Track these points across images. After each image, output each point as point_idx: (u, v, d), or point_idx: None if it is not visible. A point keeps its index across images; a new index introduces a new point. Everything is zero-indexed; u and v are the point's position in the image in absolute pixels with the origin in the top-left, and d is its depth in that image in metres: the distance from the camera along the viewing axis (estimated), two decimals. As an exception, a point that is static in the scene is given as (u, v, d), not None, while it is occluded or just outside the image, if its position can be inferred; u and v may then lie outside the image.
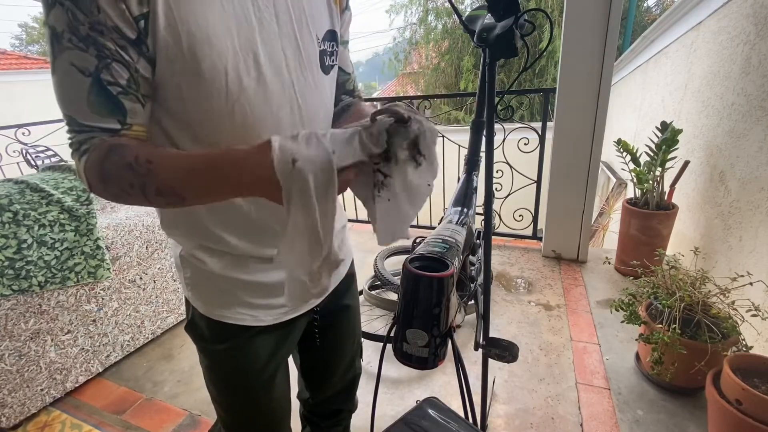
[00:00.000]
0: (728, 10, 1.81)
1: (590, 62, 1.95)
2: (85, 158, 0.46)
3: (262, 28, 0.52)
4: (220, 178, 0.44)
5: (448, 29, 10.78)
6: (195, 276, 0.65)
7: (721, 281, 1.27)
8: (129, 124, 0.48)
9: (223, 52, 0.48)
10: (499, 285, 2.15)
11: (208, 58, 0.47)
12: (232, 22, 0.49)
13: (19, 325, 1.35)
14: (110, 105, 0.46)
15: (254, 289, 0.64)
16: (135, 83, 0.46)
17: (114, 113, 0.46)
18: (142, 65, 0.46)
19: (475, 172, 1.07)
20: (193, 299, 0.66)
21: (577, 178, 2.17)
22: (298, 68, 0.57)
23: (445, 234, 0.78)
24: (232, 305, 0.64)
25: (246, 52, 0.50)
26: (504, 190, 2.44)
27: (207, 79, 0.48)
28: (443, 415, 0.64)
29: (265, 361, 0.69)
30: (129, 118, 0.47)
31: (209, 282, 0.64)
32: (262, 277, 0.64)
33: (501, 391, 1.45)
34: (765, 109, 1.45)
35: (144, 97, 0.48)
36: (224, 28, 0.48)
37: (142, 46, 0.45)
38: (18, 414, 1.40)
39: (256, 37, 0.51)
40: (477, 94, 1.07)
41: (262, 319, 0.66)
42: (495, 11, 0.85)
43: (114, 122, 0.46)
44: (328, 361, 0.85)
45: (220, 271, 0.62)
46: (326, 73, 0.63)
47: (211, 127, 0.52)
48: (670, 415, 1.28)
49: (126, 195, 0.46)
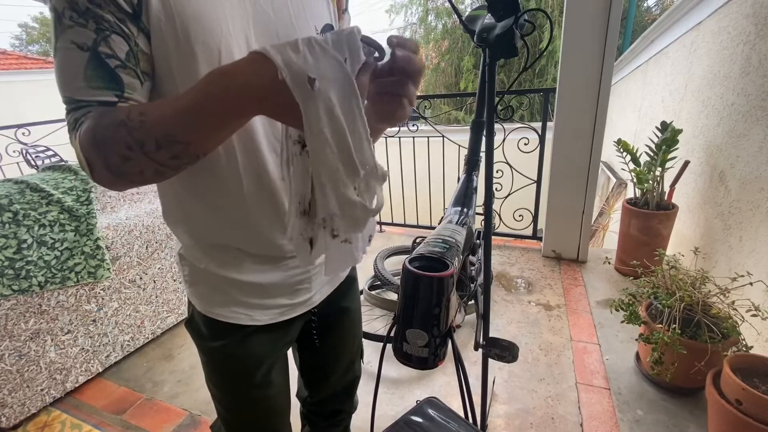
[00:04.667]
0: (728, 10, 1.81)
1: (590, 62, 1.95)
2: (80, 131, 0.44)
3: (256, 14, 0.52)
4: (213, 101, 0.39)
5: (448, 29, 10.78)
6: (193, 274, 0.65)
7: (721, 281, 1.27)
8: (126, 98, 0.46)
9: (216, 32, 0.48)
10: (499, 285, 2.15)
11: (201, 38, 0.47)
12: (226, 4, 0.49)
13: (19, 325, 1.35)
14: (107, 78, 0.44)
15: (250, 289, 0.64)
16: (134, 57, 0.46)
17: (111, 87, 0.44)
18: (141, 40, 0.46)
19: (475, 172, 1.07)
20: (192, 296, 0.67)
21: (577, 178, 2.17)
22: None
23: (445, 234, 0.78)
24: (228, 304, 0.64)
25: (238, 35, 0.50)
26: (504, 190, 2.44)
27: (199, 60, 0.48)
28: (443, 415, 0.64)
29: (260, 360, 0.70)
30: (126, 92, 0.46)
31: (206, 280, 0.64)
32: (258, 277, 0.64)
33: (501, 391, 1.45)
34: (765, 109, 1.45)
35: (143, 75, 0.47)
36: (217, 10, 0.48)
37: (139, 20, 0.45)
38: (18, 414, 1.39)
39: (249, 21, 0.51)
40: (477, 94, 1.08)
41: (257, 318, 0.66)
42: (495, 11, 0.85)
43: (111, 95, 0.45)
44: (326, 363, 0.85)
45: (215, 270, 0.63)
46: None
47: None
48: (670, 415, 1.28)
49: (128, 162, 0.42)
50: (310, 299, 0.71)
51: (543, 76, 9.01)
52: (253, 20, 0.52)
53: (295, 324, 0.73)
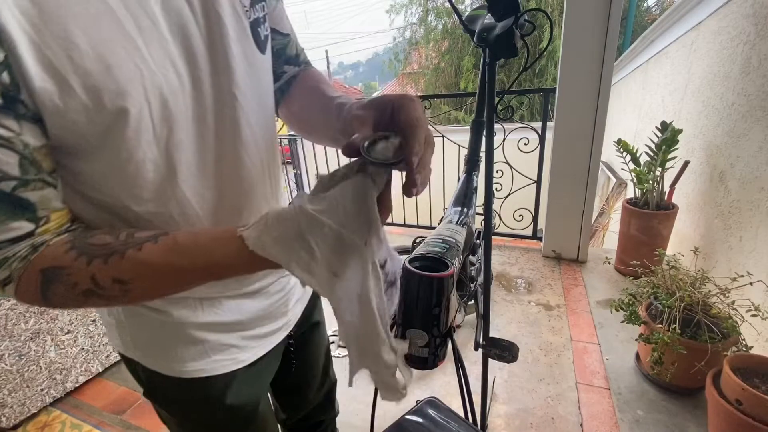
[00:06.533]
0: (728, 10, 1.81)
1: (590, 62, 1.95)
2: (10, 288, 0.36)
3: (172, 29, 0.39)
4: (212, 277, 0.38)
5: (448, 29, 10.79)
6: (149, 334, 0.52)
7: (721, 281, 1.27)
8: (43, 217, 0.35)
9: (135, 77, 0.36)
10: (499, 285, 2.15)
11: (118, 101, 0.35)
12: (132, 32, 0.35)
13: (19, 325, 1.35)
14: (9, 207, 0.33)
15: (230, 328, 0.56)
16: (32, 163, 0.33)
17: (18, 215, 0.34)
18: (31, 133, 0.33)
19: (475, 172, 1.07)
20: (149, 362, 0.54)
21: (577, 178, 2.17)
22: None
23: (445, 234, 0.78)
24: (206, 354, 0.54)
25: (163, 65, 0.38)
26: (504, 190, 2.44)
27: (130, 123, 0.36)
28: (443, 415, 0.64)
29: (248, 399, 0.63)
30: (41, 211, 0.35)
31: (174, 335, 0.52)
32: (239, 314, 0.56)
33: (501, 391, 1.45)
34: (765, 109, 1.45)
35: (52, 174, 0.36)
36: (126, 43, 0.35)
37: (17, 106, 0.31)
38: (18, 414, 1.39)
39: (167, 38, 0.38)
40: (477, 94, 1.07)
41: (241, 359, 0.58)
42: (495, 11, 0.85)
43: (23, 225, 0.34)
44: (303, 382, 0.82)
45: (186, 318, 0.51)
46: (263, 51, 0.49)
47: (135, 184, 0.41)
48: (670, 415, 1.28)
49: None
50: (288, 321, 0.66)
51: (543, 76, 9.02)
52: (170, 35, 0.39)
53: (277, 349, 0.66)
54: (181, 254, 0.36)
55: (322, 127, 0.57)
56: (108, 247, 0.36)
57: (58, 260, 0.35)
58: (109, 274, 0.35)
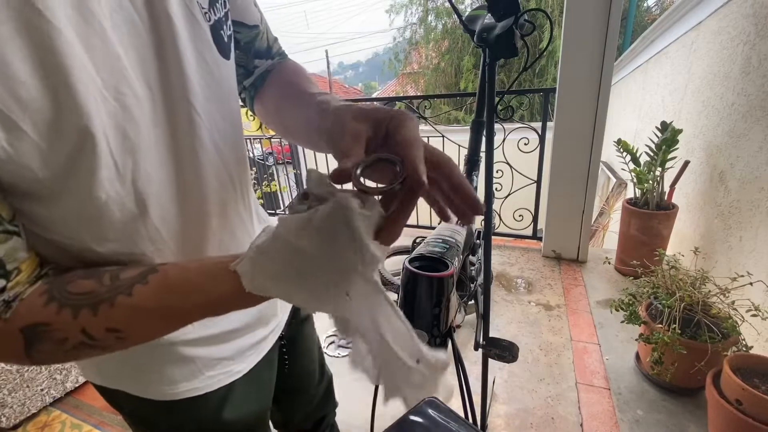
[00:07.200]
0: (728, 10, 1.81)
1: (590, 62, 1.95)
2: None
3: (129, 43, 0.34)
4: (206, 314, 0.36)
5: (448, 29, 10.80)
6: (135, 361, 0.47)
7: (721, 281, 1.27)
8: (14, 270, 0.32)
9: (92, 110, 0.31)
10: (499, 285, 2.15)
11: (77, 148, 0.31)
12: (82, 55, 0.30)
13: (19, 325, 1.35)
14: None
15: (221, 339, 0.52)
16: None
17: None
18: None
19: (475, 172, 1.07)
20: (137, 389, 0.49)
21: (577, 178, 2.17)
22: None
23: (445, 234, 0.78)
24: (199, 372, 0.50)
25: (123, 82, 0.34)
26: (504, 190, 2.44)
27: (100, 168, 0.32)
28: (443, 415, 0.64)
29: (248, 412, 0.60)
30: (10, 264, 0.32)
31: (164, 357, 0.48)
32: (227, 323, 0.53)
33: (501, 391, 1.45)
34: (765, 109, 1.45)
35: (12, 222, 0.32)
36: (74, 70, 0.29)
37: None
38: (18, 414, 1.39)
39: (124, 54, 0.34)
40: (477, 94, 1.07)
41: (237, 371, 0.54)
42: (495, 11, 0.85)
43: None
44: (300, 383, 0.80)
45: (176, 337, 0.47)
46: (227, 57, 0.45)
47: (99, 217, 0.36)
48: (670, 415, 1.28)
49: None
50: (279, 323, 0.63)
51: (543, 76, 9.02)
52: (122, 48, 0.34)
53: (271, 354, 0.63)
54: (175, 295, 0.34)
55: (300, 127, 0.51)
56: (93, 295, 0.33)
57: (39, 316, 0.32)
58: (101, 325, 0.32)
